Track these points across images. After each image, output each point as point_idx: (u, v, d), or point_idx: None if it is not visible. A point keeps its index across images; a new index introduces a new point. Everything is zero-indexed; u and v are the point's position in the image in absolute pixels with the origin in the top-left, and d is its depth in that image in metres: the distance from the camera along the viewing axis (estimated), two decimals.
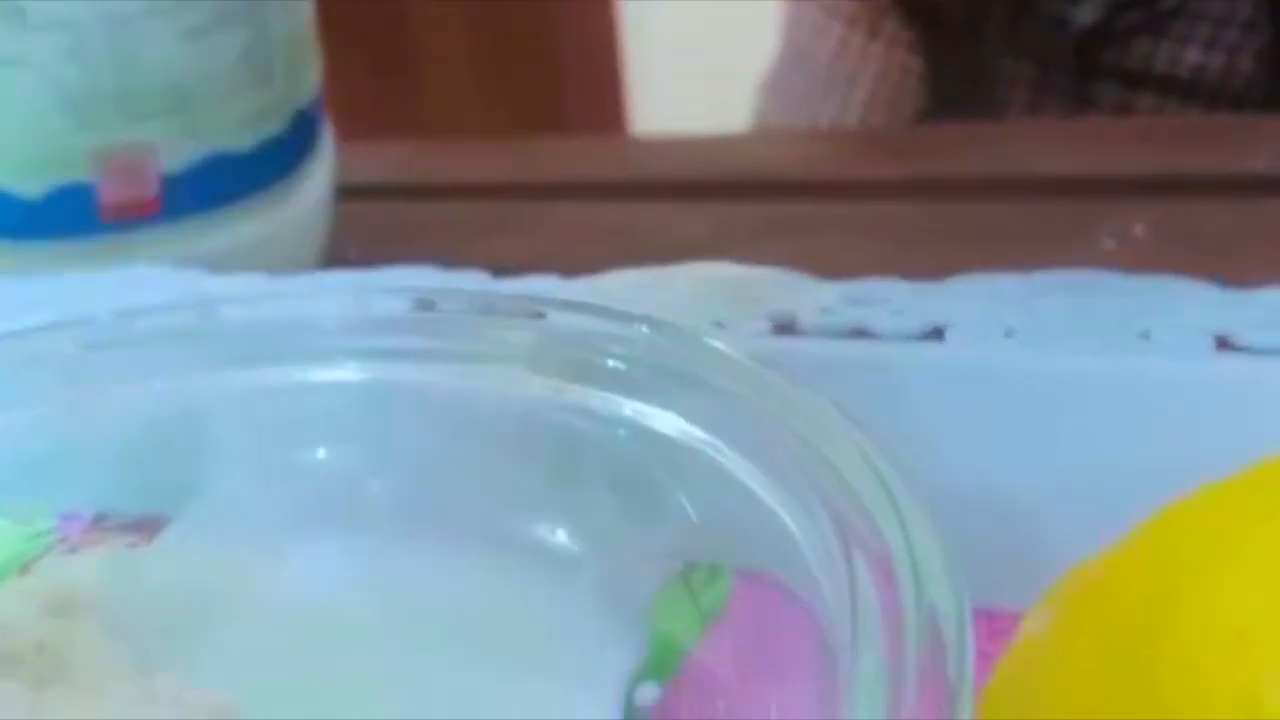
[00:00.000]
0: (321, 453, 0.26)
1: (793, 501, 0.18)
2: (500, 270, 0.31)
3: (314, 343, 0.26)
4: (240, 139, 0.36)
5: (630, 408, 0.22)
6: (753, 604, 0.19)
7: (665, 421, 0.21)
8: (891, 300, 0.27)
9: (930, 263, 0.28)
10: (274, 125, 0.37)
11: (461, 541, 0.23)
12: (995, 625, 0.23)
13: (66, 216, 0.35)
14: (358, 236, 0.42)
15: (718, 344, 0.22)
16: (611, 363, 0.23)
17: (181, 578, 0.23)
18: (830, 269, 0.29)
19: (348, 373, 0.26)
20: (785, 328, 0.26)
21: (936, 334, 0.25)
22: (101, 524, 0.26)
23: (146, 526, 0.26)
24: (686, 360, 0.22)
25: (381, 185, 0.48)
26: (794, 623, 0.17)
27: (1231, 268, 0.26)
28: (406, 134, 0.90)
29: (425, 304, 0.27)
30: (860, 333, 0.25)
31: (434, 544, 0.23)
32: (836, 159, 0.52)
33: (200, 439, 0.26)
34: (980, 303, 0.26)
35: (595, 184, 0.48)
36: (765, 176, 0.48)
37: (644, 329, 0.23)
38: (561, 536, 0.22)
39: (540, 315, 0.25)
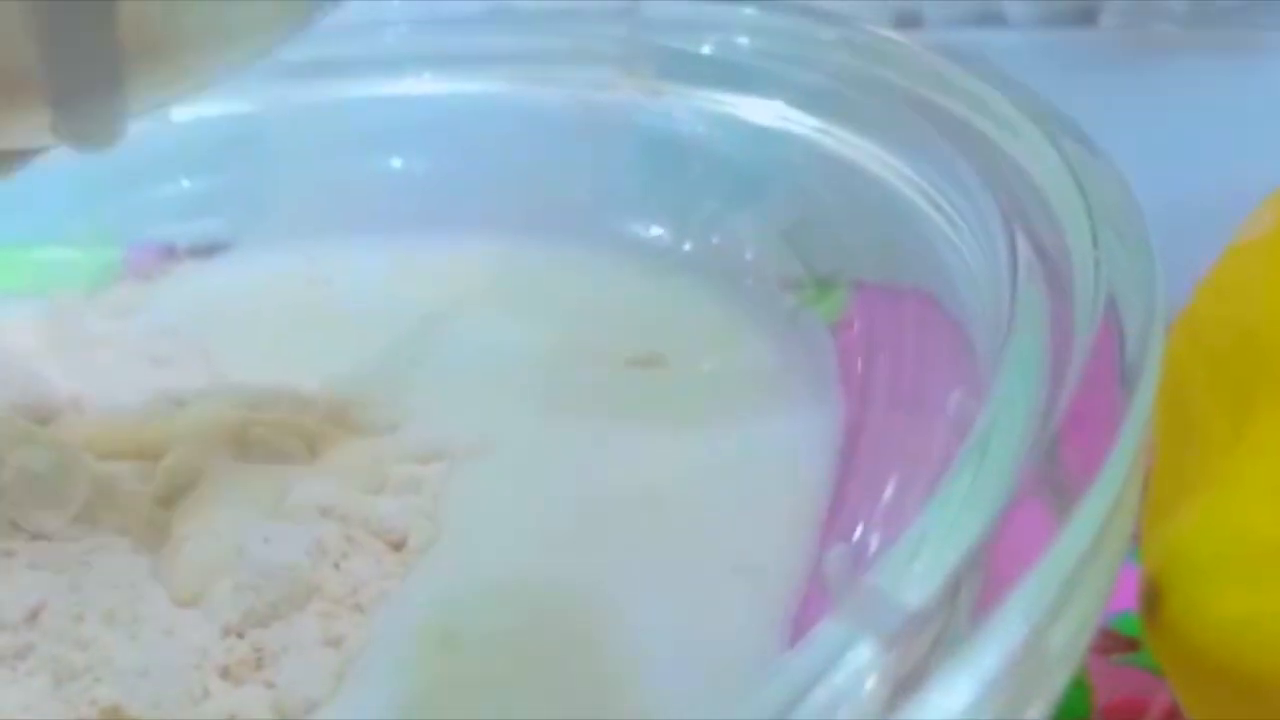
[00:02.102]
0: (397, 163, 0.24)
1: (925, 179, 0.15)
2: None
3: (380, 50, 0.24)
4: None
5: (734, 102, 0.20)
6: (883, 307, 0.17)
7: (769, 111, 0.19)
8: None
9: None
10: None
11: (557, 239, 0.21)
12: None
13: None
14: None
15: (834, 23, 0.19)
16: (711, 51, 0.20)
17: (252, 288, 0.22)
18: None
19: (418, 83, 0.24)
20: (910, 20, 0.23)
21: (1086, 18, 0.22)
22: (172, 253, 0.24)
23: (214, 250, 0.24)
24: (794, 40, 0.19)
25: None
26: (933, 321, 0.15)
27: None
28: None
29: (502, 5, 0.24)
30: (995, 18, 0.22)
31: (519, 243, 0.21)
32: None
33: (264, 158, 0.25)
34: None
35: None
36: None
37: (748, 10, 0.20)
38: (663, 234, 0.20)
39: (632, 9, 0.22)
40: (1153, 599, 0.11)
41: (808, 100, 0.18)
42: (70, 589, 0.13)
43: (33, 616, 0.13)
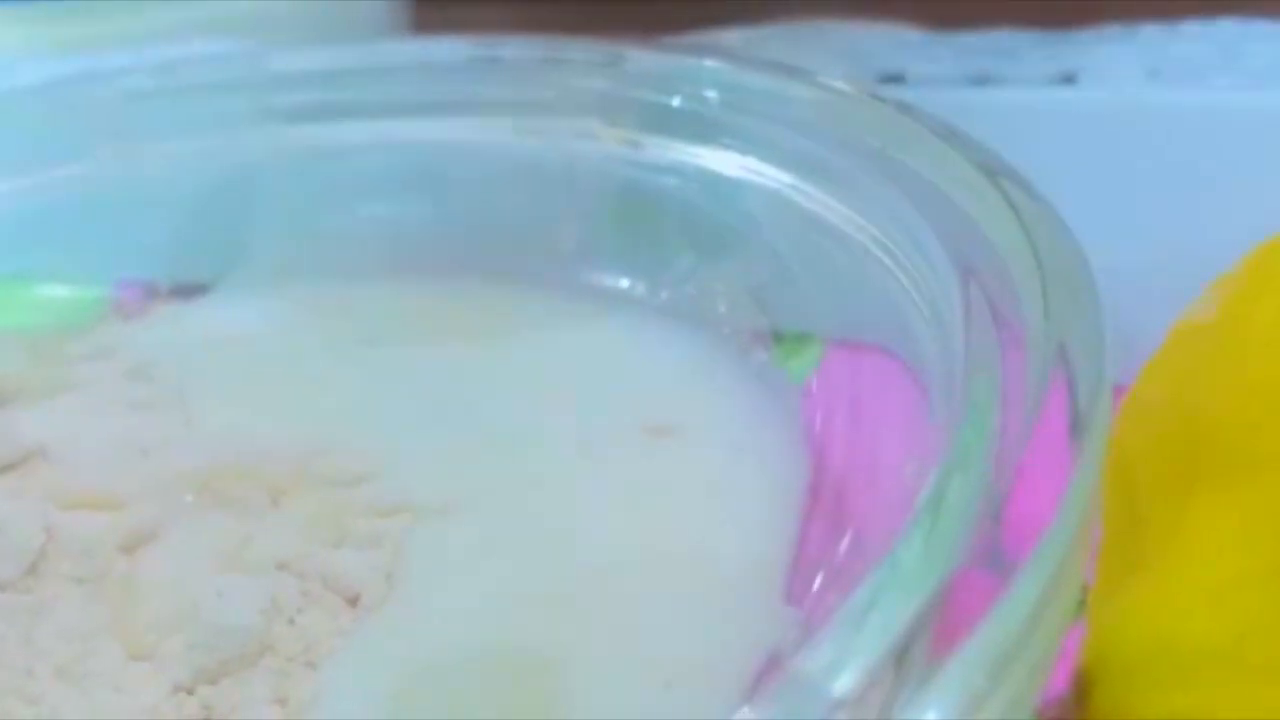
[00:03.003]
0: (379, 209, 0.24)
1: (889, 236, 0.15)
2: None
3: (368, 95, 0.24)
4: None
5: (709, 156, 0.20)
6: (845, 365, 0.17)
7: (746, 166, 0.19)
8: (1015, 50, 0.24)
9: (1054, 15, 0.25)
10: None
11: (529, 290, 0.21)
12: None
13: None
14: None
15: (805, 80, 0.19)
16: (691, 106, 0.20)
17: (231, 332, 0.22)
18: (942, 24, 0.26)
19: (403, 127, 0.24)
20: (894, 79, 0.23)
21: (1067, 80, 0.22)
22: (155, 293, 0.25)
23: (196, 291, 0.24)
24: (770, 100, 0.19)
25: None
26: (893, 381, 0.15)
27: None
28: None
29: (489, 53, 0.24)
30: (980, 81, 0.22)
31: (501, 292, 0.21)
32: None
33: (248, 200, 0.25)
34: (1116, 48, 0.22)
35: None
36: None
37: (727, 68, 0.20)
38: (638, 288, 0.20)
39: (616, 62, 0.23)
40: (1081, 691, 0.11)
41: (779, 155, 0.18)
42: (22, 642, 0.13)
43: None
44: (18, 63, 0.29)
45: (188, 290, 0.24)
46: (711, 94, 0.20)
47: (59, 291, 0.24)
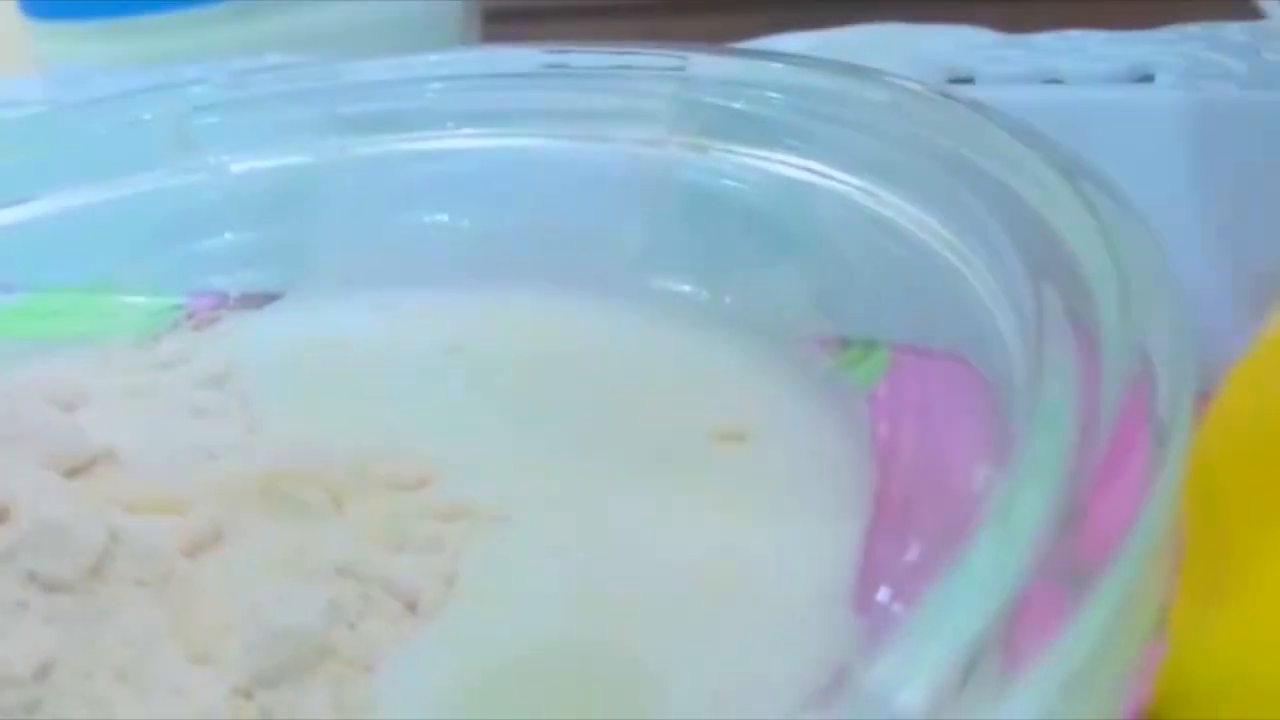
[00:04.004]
0: (443, 217, 0.24)
1: (960, 239, 0.15)
2: None
3: (436, 103, 0.24)
4: None
5: (775, 160, 0.20)
6: (914, 372, 0.16)
7: (812, 169, 0.18)
8: (1088, 49, 0.23)
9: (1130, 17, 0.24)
10: None
11: (595, 295, 0.21)
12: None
13: None
14: None
15: (874, 80, 0.18)
16: (757, 110, 0.20)
17: (299, 339, 0.22)
18: (1010, 27, 0.25)
19: (471, 135, 0.24)
20: (964, 80, 0.23)
21: (1144, 79, 0.21)
22: (225, 302, 0.25)
23: (266, 300, 0.24)
24: (837, 101, 0.19)
25: (527, 9, 0.45)
26: (963, 387, 0.14)
27: None
28: None
29: (557, 60, 0.24)
30: (1052, 80, 0.22)
31: (566, 298, 0.21)
32: None
33: (318, 209, 0.25)
34: (1195, 46, 0.22)
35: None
36: None
37: (792, 70, 0.20)
38: (704, 294, 0.20)
39: (682, 67, 0.22)
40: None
41: (846, 158, 0.18)
42: (83, 644, 0.13)
43: (43, 672, 0.13)
44: (90, 75, 0.29)
45: (257, 299, 0.24)
46: (777, 96, 0.20)
47: (132, 301, 0.25)
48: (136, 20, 0.33)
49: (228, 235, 0.25)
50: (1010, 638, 0.10)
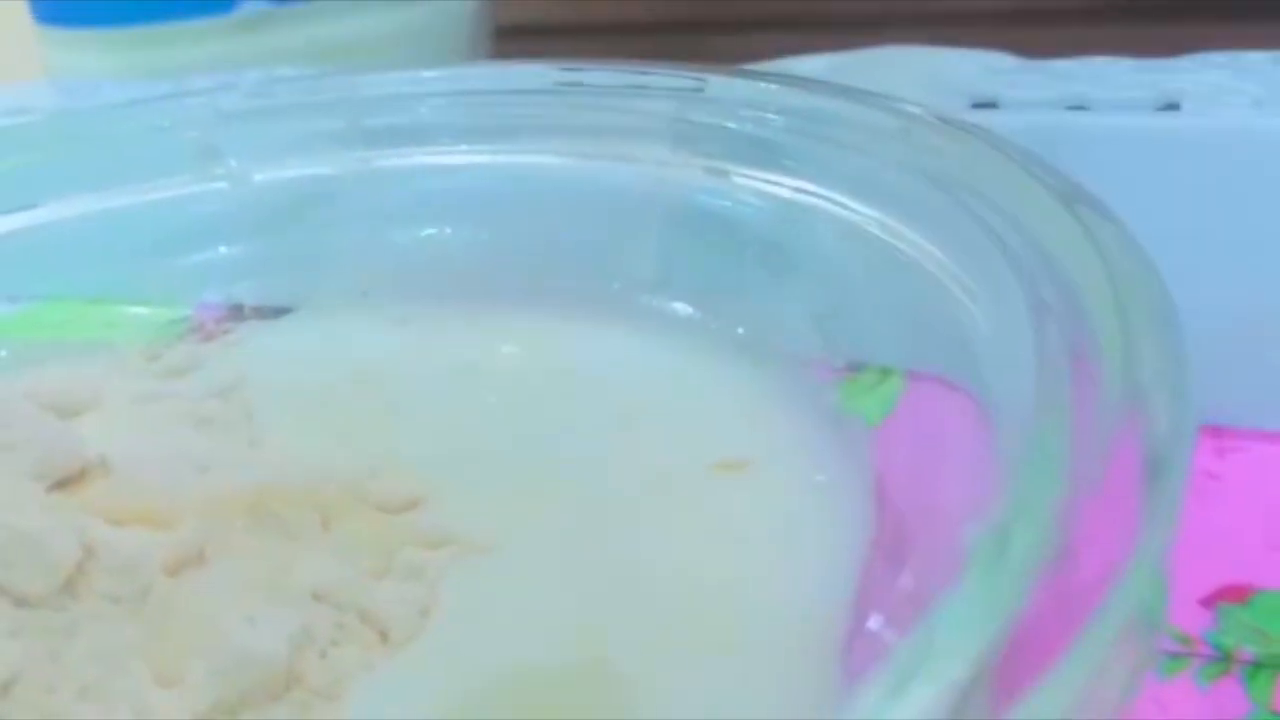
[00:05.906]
0: (456, 234, 0.23)
1: (962, 267, 0.14)
2: None
3: (451, 118, 0.24)
4: None
5: (783, 184, 0.19)
6: (915, 401, 0.16)
7: (819, 194, 0.18)
8: (1112, 76, 0.23)
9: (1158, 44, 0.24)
10: None
11: (602, 317, 0.20)
12: (1224, 444, 0.20)
13: None
14: None
15: (881, 106, 0.18)
16: (766, 133, 0.20)
17: (307, 353, 0.22)
18: (1037, 52, 0.25)
19: (485, 151, 0.24)
20: (986, 104, 0.22)
21: (1169, 107, 0.21)
22: (238, 313, 0.25)
23: (278, 312, 0.24)
24: (844, 126, 0.18)
25: (540, 25, 0.45)
26: (961, 417, 0.14)
27: None
28: None
29: (571, 77, 0.24)
30: (1077, 107, 0.21)
31: (572, 321, 0.20)
32: None
33: (331, 222, 0.25)
34: (1219, 74, 0.21)
35: (774, 19, 0.44)
36: None
37: (802, 94, 0.20)
38: (710, 318, 0.19)
39: (697, 88, 0.22)
40: None
41: (853, 184, 0.17)
42: (49, 659, 0.13)
43: (5, 688, 0.13)
44: (104, 84, 0.29)
45: (269, 311, 0.24)
46: (786, 120, 0.20)
47: (141, 311, 0.25)
48: (148, 29, 0.33)
49: (241, 245, 0.25)
50: (1002, 672, 0.09)
